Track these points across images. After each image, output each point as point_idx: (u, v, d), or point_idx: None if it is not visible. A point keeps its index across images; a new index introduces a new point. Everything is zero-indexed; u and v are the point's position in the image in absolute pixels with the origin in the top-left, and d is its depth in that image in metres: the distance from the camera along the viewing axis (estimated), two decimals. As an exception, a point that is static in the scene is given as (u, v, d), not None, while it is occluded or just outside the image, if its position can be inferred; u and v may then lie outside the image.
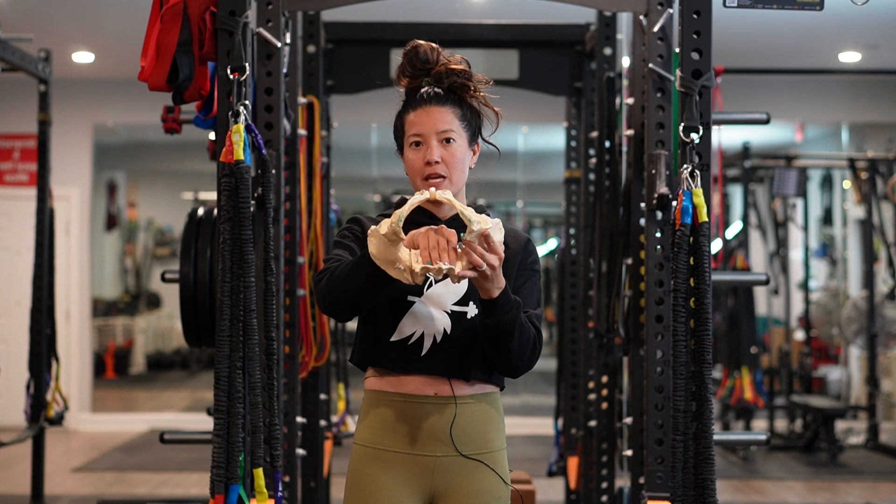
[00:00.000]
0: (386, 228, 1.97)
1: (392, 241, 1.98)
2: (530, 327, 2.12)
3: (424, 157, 2.16)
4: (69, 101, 8.18)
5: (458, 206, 1.98)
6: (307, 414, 3.82)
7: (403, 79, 2.24)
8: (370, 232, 2.01)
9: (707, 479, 2.32)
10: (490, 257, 1.97)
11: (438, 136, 2.16)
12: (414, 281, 1.99)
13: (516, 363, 2.12)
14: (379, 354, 2.16)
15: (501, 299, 2.03)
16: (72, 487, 6.40)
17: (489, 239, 1.97)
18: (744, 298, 7.52)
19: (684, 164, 2.46)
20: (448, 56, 2.22)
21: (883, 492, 6.50)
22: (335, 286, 2.08)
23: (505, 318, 2.05)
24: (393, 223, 1.96)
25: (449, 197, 2.01)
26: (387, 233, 1.97)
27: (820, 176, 9.62)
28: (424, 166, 2.16)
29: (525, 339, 2.10)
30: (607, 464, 4.15)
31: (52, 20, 6.77)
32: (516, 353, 2.10)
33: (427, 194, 2.00)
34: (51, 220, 4.93)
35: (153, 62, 2.59)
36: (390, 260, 1.99)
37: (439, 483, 2.15)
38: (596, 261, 3.83)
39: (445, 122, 2.17)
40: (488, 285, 2.01)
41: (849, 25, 6.85)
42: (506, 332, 2.06)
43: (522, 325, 2.09)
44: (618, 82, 3.91)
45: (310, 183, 3.57)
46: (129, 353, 10.44)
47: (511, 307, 2.05)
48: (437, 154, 2.15)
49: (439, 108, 2.18)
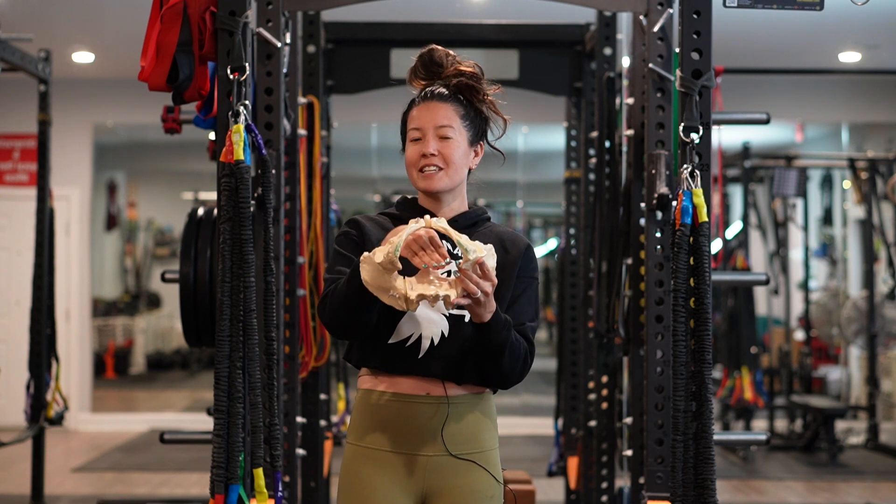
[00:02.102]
0: (381, 257, 1.98)
1: (387, 269, 1.99)
2: (522, 343, 2.15)
3: (421, 149, 2.18)
4: (69, 101, 8.17)
5: (453, 235, 2.01)
6: (307, 414, 3.82)
7: (416, 81, 2.28)
8: (363, 258, 2.02)
9: (707, 479, 2.32)
10: (484, 284, 2.01)
11: (437, 131, 2.18)
12: (408, 308, 2.01)
13: (507, 377, 2.16)
14: (376, 355, 2.17)
15: (493, 323, 2.07)
16: (72, 487, 6.40)
17: (484, 266, 2.00)
18: (744, 298, 7.52)
19: (684, 164, 2.46)
20: (461, 60, 2.25)
21: (883, 492, 6.50)
22: (338, 316, 2.10)
23: (496, 339, 2.09)
24: (389, 253, 1.97)
25: (444, 225, 2.02)
26: (382, 262, 1.98)
27: (820, 176, 9.62)
28: (420, 158, 2.18)
29: (516, 356, 2.14)
30: (607, 464, 4.15)
31: (52, 20, 6.77)
32: (507, 369, 2.14)
33: (422, 222, 2.02)
34: (51, 220, 4.93)
35: (153, 62, 2.59)
36: (384, 287, 2.00)
37: (432, 482, 2.15)
38: (596, 261, 3.83)
39: (445, 118, 2.19)
40: (480, 311, 2.05)
41: (849, 25, 6.85)
42: (497, 352, 2.11)
43: (513, 343, 2.12)
44: (618, 82, 3.91)
45: (310, 183, 3.57)
46: (129, 353, 10.44)
47: (501, 329, 2.09)
48: (434, 147, 2.17)
49: (440, 105, 2.20)
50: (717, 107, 4.52)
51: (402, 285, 2.00)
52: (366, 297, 2.04)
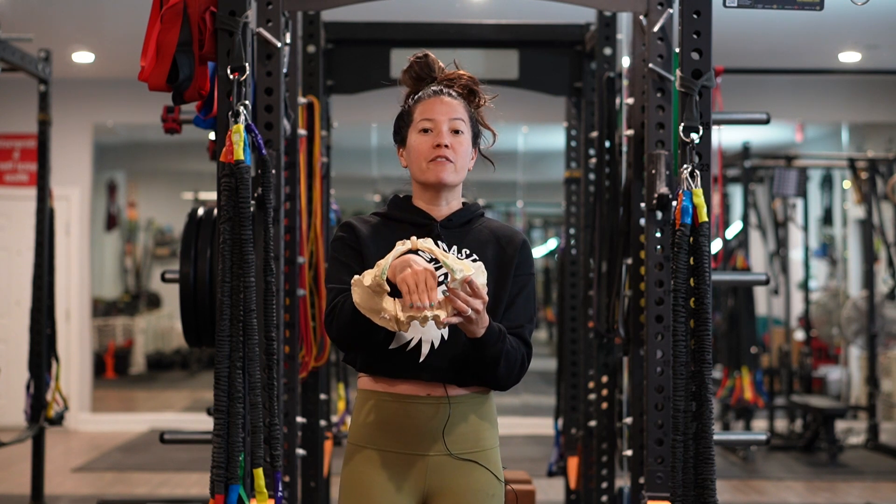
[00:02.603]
0: (370, 281, 2.00)
1: (376, 292, 2.01)
2: (518, 348, 2.16)
3: (434, 140, 2.19)
4: (69, 101, 8.17)
5: (439, 255, 2.01)
6: (307, 414, 3.82)
7: (410, 80, 2.30)
8: (354, 282, 2.04)
9: (707, 479, 2.32)
10: (474, 302, 2.02)
11: (450, 124, 2.20)
12: (400, 329, 2.02)
13: (503, 382, 2.18)
14: (377, 360, 2.17)
15: (486, 337, 2.08)
16: (72, 487, 6.40)
17: (473, 284, 2.01)
18: (744, 298, 7.51)
19: (684, 164, 2.46)
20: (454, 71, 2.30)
21: (883, 492, 6.50)
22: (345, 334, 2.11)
23: (491, 352, 2.10)
24: (377, 276, 1.99)
25: (430, 246, 2.03)
26: (371, 285, 2.00)
27: (820, 176, 9.62)
28: (433, 149, 2.18)
29: (512, 363, 2.15)
30: (607, 464, 4.15)
31: (52, 20, 6.77)
32: (503, 376, 2.16)
33: (409, 244, 2.02)
34: (51, 220, 4.93)
35: (153, 62, 2.59)
36: (375, 309, 2.02)
37: (433, 482, 2.16)
38: (596, 261, 3.83)
39: (457, 112, 2.22)
40: (473, 327, 2.06)
41: (849, 25, 6.85)
42: (492, 363, 2.12)
43: (508, 351, 2.13)
44: (618, 82, 3.91)
45: (310, 183, 3.57)
46: (129, 353, 10.44)
47: (496, 342, 2.10)
48: (448, 139, 2.19)
49: (451, 100, 2.23)
50: (717, 107, 4.52)
51: (393, 307, 2.01)
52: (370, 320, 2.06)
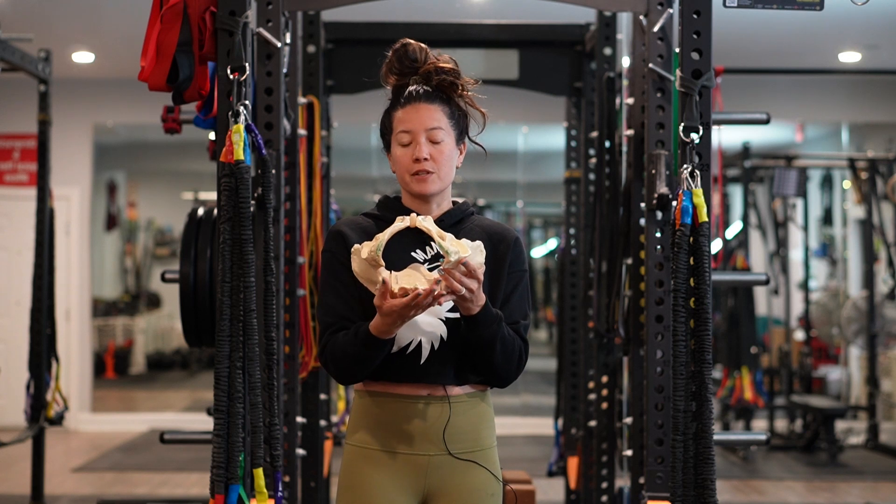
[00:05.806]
0: (366, 254, 2.06)
1: (372, 265, 2.06)
2: (515, 339, 2.16)
3: (413, 154, 2.17)
4: (69, 101, 8.17)
5: (435, 236, 2.05)
6: (307, 414, 3.82)
7: (391, 76, 2.24)
8: (353, 250, 2.09)
9: (707, 479, 2.32)
10: (468, 282, 2.02)
11: (427, 134, 2.17)
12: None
13: (501, 374, 2.16)
14: (380, 367, 2.16)
15: (482, 316, 2.08)
16: (72, 487, 6.40)
17: (468, 265, 2.01)
18: (744, 298, 7.52)
19: (684, 164, 2.46)
20: (437, 56, 2.22)
21: (883, 492, 6.50)
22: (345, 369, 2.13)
23: (486, 332, 2.09)
24: (372, 250, 2.05)
25: (428, 225, 2.07)
26: (367, 258, 2.06)
27: (820, 176, 9.62)
28: (413, 163, 2.17)
29: (509, 352, 2.14)
30: (607, 464, 4.15)
31: (52, 20, 6.77)
32: (500, 364, 2.14)
33: (407, 221, 2.09)
34: (51, 220, 4.93)
35: (153, 62, 2.59)
36: (372, 280, 2.08)
37: (433, 482, 2.16)
38: (596, 261, 3.83)
39: (434, 120, 2.17)
40: (468, 304, 2.06)
41: (849, 25, 6.85)
42: (487, 346, 2.11)
43: (505, 338, 2.12)
44: (618, 82, 3.91)
45: (310, 183, 3.57)
46: (129, 353, 10.43)
47: (491, 322, 2.09)
48: (426, 151, 2.17)
49: (428, 106, 2.18)
50: (717, 107, 4.52)
51: (389, 279, 2.03)
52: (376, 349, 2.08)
